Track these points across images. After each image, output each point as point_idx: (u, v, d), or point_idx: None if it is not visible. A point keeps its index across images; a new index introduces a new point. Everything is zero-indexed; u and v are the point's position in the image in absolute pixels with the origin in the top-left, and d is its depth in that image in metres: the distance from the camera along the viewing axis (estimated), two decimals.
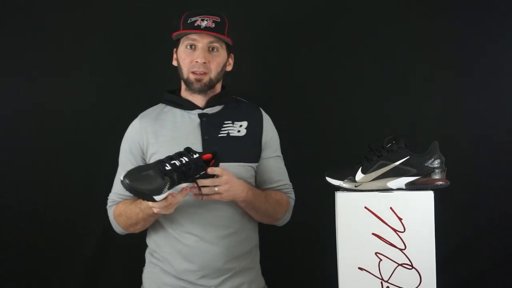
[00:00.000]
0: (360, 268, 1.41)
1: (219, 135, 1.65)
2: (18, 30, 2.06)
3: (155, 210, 1.45)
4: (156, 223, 1.66)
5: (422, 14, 2.08)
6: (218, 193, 1.49)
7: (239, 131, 1.68)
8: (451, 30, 2.07)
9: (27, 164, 2.05)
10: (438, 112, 2.07)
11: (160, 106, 1.74)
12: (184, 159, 1.40)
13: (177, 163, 1.39)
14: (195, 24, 1.62)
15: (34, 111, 2.07)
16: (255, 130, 1.70)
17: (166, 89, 1.77)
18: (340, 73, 2.11)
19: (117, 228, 1.69)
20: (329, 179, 1.48)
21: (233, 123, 1.69)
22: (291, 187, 1.77)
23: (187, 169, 1.40)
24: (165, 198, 1.40)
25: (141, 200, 1.52)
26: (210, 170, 1.46)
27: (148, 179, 1.34)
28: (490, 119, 2.06)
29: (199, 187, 1.46)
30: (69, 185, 2.07)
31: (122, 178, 1.34)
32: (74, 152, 2.07)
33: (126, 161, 1.68)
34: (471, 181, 1.98)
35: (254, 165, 1.69)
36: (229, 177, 1.51)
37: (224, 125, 1.67)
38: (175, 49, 1.72)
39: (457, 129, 2.04)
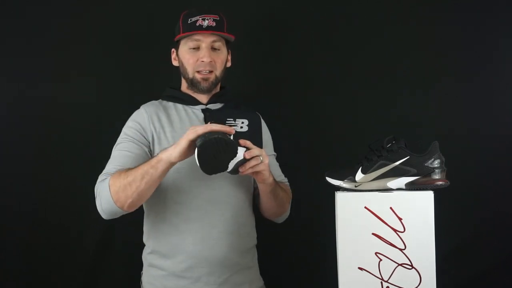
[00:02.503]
0: (360, 268, 1.41)
1: None
2: (18, 31, 2.06)
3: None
4: (158, 218, 1.63)
5: (422, 15, 2.08)
6: (262, 162, 1.49)
7: (241, 127, 1.69)
8: (451, 31, 2.07)
9: (27, 164, 2.05)
10: (438, 112, 2.07)
11: (160, 101, 1.75)
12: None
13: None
14: (197, 24, 1.63)
15: (34, 112, 2.06)
16: (255, 128, 1.70)
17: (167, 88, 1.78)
18: (340, 73, 2.11)
19: (107, 197, 1.50)
20: (329, 179, 1.48)
21: (234, 120, 1.70)
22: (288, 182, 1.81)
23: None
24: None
25: (159, 156, 1.46)
26: (243, 142, 1.46)
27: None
28: (490, 119, 2.06)
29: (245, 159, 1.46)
30: (69, 185, 2.07)
31: (199, 139, 1.36)
32: (74, 152, 2.07)
33: (135, 136, 1.62)
34: (471, 181, 1.98)
35: None
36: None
37: (227, 121, 1.68)
38: (173, 49, 1.73)
39: (457, 129, 2.04)
